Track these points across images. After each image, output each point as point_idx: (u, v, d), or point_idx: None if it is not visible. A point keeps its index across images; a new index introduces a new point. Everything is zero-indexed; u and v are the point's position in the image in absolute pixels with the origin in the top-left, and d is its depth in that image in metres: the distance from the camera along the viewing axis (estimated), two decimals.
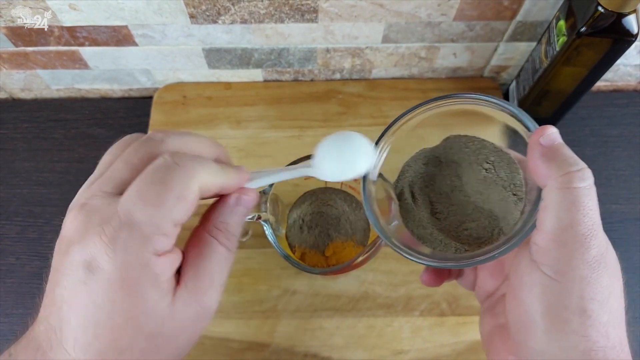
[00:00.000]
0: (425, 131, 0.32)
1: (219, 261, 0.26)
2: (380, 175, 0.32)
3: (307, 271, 0.41)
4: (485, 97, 0.29)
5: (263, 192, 0.39)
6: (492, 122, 0.30)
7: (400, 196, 0.33)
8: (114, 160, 0.26)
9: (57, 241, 0.25)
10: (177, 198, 0.23)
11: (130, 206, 0.23)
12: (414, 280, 0.49)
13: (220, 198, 0.28)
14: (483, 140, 0.32)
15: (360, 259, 0.40)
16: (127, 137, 0.27)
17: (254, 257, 0.50)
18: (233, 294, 0.49)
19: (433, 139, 0.33)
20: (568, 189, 0.24)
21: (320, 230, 0.45)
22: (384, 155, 0.32)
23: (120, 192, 0.24)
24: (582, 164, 0.25)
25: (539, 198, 0.26)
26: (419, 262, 0.29)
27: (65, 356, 0.22)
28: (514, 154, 0.31)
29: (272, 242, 0.39)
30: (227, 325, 0.47)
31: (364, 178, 0.31)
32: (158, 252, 0.23)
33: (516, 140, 0.30)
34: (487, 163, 0.32)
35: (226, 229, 0.27)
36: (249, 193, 0.28)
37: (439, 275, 0.33)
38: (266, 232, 0.39)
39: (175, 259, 0.25)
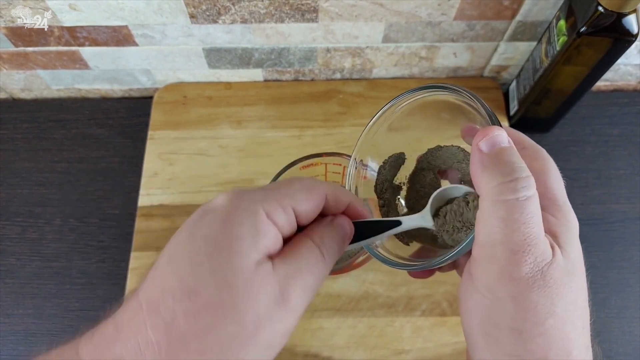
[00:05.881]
0: (402, 123, 0.32)
1: (311, 259, 0.25)
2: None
3: None
4: (448, 86, 0.28)
5: None
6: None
7: (381, 194, 0.33)
8: None
9: None
10: (305, 187, 0.25)
11: (267, 184, 0.26)
12: (414, 280, 0.49)
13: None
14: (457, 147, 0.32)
15: (361, 258, 0.40)
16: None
17: None
18: None
19: (410, 131, 0.33)
20: (498, 201, 0.22)
21: None
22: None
23: None
24: (518, 173, 0.23)
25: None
26: (396, 268, 0.29)
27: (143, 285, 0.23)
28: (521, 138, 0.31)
29: None
30: None
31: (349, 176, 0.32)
32: (270, 217, 0.24)
33: None
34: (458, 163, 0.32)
35: (322, 238, 0.26)
36: (344, 218, 0.28)
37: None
38: None
39: (279, 242, 0.24)
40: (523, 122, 0.56)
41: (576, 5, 0.43)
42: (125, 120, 0.60)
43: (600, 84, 0.61)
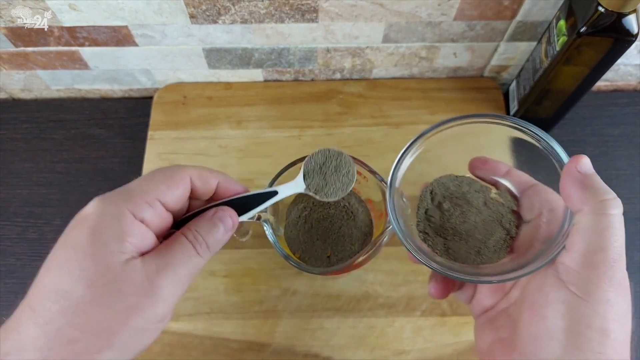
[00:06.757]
0: (450, 145, 0.34)
1: (183, 254, 0.28)
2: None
3: (307, 271, 0.40)
4: (521, 122, 0.31)
5: None
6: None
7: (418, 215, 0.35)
8: None
9: None
10: (166, 176, 0.29)
11: (131, 182, 0.29)
12: (415, 280, 0.49)
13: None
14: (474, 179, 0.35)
15: (361, 258, 0.40)
16: None
17: (253, 257, 0.50)
18: (233, 294, 0.49)
19: (453, 155, 0.35)
20: (603, 215, 0.26)
21: (320, 229, 0.45)
22: (409, 163, 0.34)
23: None
24: (614, 194, 0.27)
25: (565, 221, 0.29)
26: (447, 275, 0.30)
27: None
28: (526, 178, 0.34)
29: (272, 242, 0.39)
30: (227, 325, 0.47)
31: (390, 186, 0.32)
32: (136, 216, 0.27)
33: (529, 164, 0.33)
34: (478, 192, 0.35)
35: (196, 235, 0.29)
36: (227, 210, 0.31)
37: (447, 287, 0.34)
38: (266, 232, 0.39)
39: (149, 237, 0.28)
40: None
41: (576, 5, 0.43)
42: (125, 120, 0.60)
43: (601, 84, 0.61)
